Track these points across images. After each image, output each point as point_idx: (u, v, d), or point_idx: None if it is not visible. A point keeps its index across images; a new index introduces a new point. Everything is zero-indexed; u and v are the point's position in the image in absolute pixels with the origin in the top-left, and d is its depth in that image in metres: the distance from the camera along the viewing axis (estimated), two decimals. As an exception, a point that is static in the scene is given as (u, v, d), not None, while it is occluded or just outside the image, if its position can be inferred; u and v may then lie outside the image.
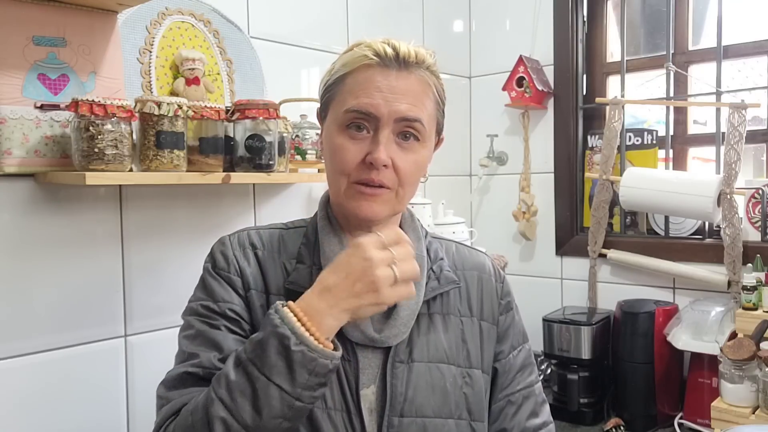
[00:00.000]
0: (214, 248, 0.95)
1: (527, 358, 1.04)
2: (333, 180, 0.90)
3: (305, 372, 0.76)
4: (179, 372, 0.85)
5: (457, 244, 1.06)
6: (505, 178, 2.19)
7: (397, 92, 0.86)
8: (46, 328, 1.24)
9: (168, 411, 0.83)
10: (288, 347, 0.75)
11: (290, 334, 0.75)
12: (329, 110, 0.91)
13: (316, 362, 0.76)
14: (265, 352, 0.76)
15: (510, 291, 1.05)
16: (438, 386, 0.91)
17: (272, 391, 0.75)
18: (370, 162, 0.86)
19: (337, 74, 0.90)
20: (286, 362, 0.75)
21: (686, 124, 1.94)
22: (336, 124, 0.89)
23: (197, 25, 1.44)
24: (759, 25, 1.79)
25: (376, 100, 0.85)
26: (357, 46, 0.90)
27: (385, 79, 0.86)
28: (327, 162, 0.92)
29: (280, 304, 0.79)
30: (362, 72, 0.87)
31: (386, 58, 0.86)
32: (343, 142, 0.87)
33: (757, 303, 1.56)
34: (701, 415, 1.64)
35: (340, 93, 0.89)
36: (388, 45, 0.87)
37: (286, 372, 0.75)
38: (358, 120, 0.87)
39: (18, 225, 1.20)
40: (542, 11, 2.07)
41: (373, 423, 0.88)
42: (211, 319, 0.88)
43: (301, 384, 0.76)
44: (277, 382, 0.75)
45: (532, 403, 1.01)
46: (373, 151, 0.86)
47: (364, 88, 0.86)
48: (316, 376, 0.77)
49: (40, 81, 1.19)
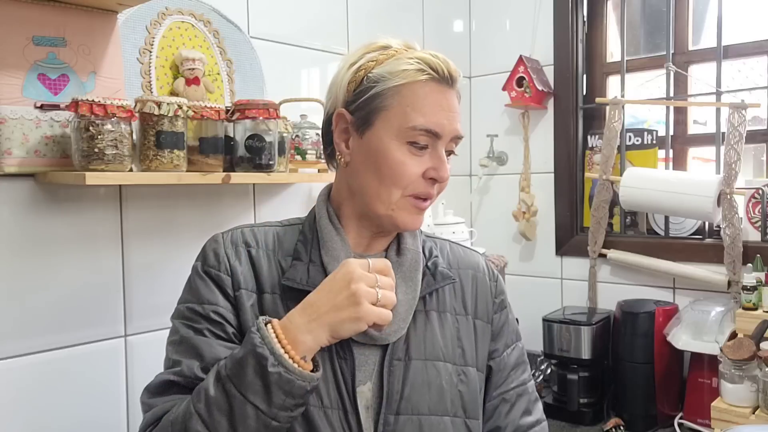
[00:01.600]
0: (206, 246, 0.94)
1: (520, 356, 1.05)
2: (384, 191, 0.89)
3: (281, 393, 0.77)
4: (162, 380, 0.86)
5: (450, 243, 1.07)
6: (505, 178, 2.19)
7: (453, 111, 0.91)
8: (46, 328, 1.24)
9: (150, 418, 0.84)
10: (265, 368, 0.76)
11: (268, 355, 0.76)
12: (377, 119, 0.89)
13: (293, 384, 0.77)
14: (243, 371, 0.77)
15: (504, 289, 1.06)
16: (434, 384, 0.91)
17: (248, 410, 0.77)
18: (432, 178, 0.90)
19: (387, 83, 0.88)
20: (262, 382, 0.76)
21: (686, 124, 1.94)
22: (394, 137, 0.88)
23: (197, 25, 1.44)
24: (759, 25, 1.79)
25: (442, 120, 0.89)
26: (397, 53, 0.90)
27: (445, 98, 0.90)
28: (373, 172, 0.90)
29: (263, 320, 0.80)
30: (419, 87, 0.88)
31: (441, 74, 0.89)
32: (405, 158, 0.89)
33: (757, 303, 1.56)
34: (701, 415, 1.64)
35: (397, 105, 0.88)
36: (440, 61, 0.90)
37: (263, 392, 0.77)
38: (424, 136, 0.89)
39: (18, 225, 1.20)
40: (542, 11, 2.07)
41: (369, 420, 0.88)
42: (195, 323, 0.88)
43: (277, 405, 0.77)
44: (254, 401, 0.77)
45: (525, 401, 1.02)
46: (438, 168, 0.90)
47: (430, 105, 0.88)
48: (293, 398, 0.78)
49: (40, 81, 1.19)
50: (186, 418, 0.78)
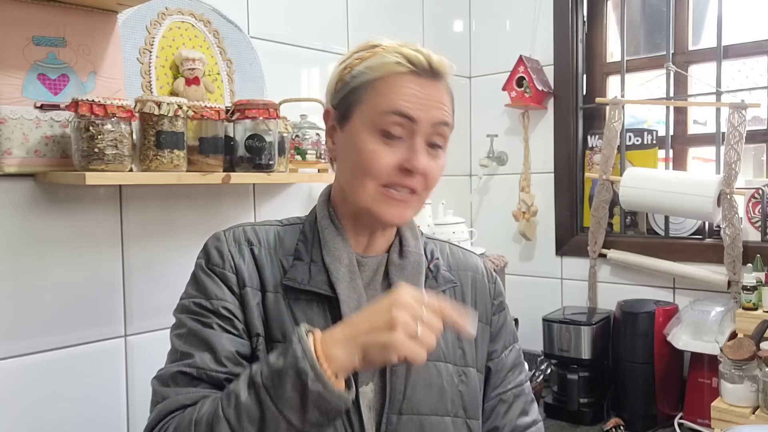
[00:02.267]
0: (209, 243, 0.93)
1: (517, 357, 1.05)
2: (358, 183, 0.88)
3: (317, 411, 0.74)
4: (173, 371, 0.84)
5: (450, 245, 1.07)
6: (505, 178, 2.19)
7: (431, 100, 0.87)
8: (46, 328, 1.24)
9: (163, 410, 0.82)
10: (306, 384, 0.73)
11: (309, 370, 0.73)
12: (354, 113, 0.89)
13: (329, 403, 0.74)
14: (281, 382, 0.74)
15: (502, 291, 1.07)
16: (435, 384, 0.91)
17: (281, 424, 0.74)
18: (407, 168, 0.86)
19: (364, 77, 0.88)
20: (300, 398, 0.74)
21: (686, 124, 1.94)
22: (367, 128, 0.87)
23: (197, 25, 1.44)
24: (759, 25, 1.79)
25: (416, 106, 0.86)
26: (382, 50, 0.89)
27: (421, 87, 0.87)
28: (350, 165, 0.90)
29: (305, 330, 0.77)
30: (395, 78, 0.87)
31: (420, 66, 0.87)
32: (376, 147, 0.86)
33: (757, 303, 1.56)
34: (701, 415, 1.64)
35: (370, 97, 0.88)
36: (419, 53, 0.88)
37: (299, 408, 0.74)
38: (397, 124, 0.86)
39: (18, 225, 1.20)
40: (542, 11, 2.07)
41: (371, 420, 0.88)
42: (203, 317, 0.87)
43: (310, 421, 0.75)
44: (288, 416, 0.74)
45: (522, 402, 1.02)
46: (412, 158, 0.86)
47: (401, 93, 0.86)
48: (327, 417, 0.75)
49: (40, 81, 1.19)
50: (213, 423, 0.76)
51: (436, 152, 0.90)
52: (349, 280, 0.90)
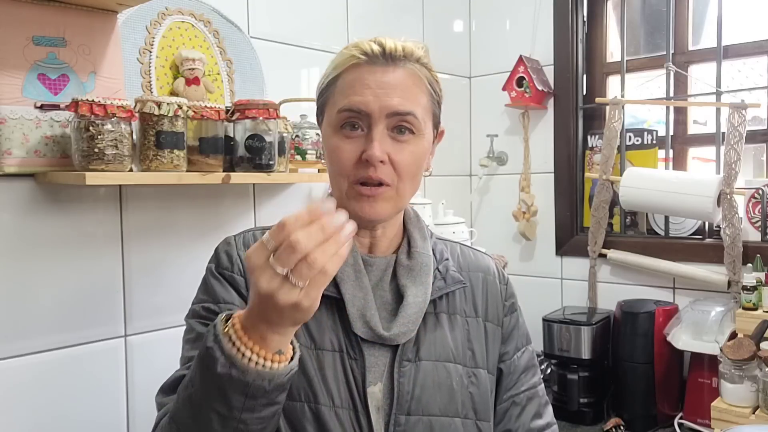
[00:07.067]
0: (219, 248, 0.94)
1: (531, 359, 1.04)
2: (335, 183, 0.90)
3: (238, 395, 0.68)
4: (176, 376, 0.85)
5: (461, 246, 1.06)
6: (505, 178, 2.19)
7: (386, 87, 0.86)
8: (46, 328, 1.24)
9: (158, 419, 0.83)
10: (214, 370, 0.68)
11: (218, 356, 0.68)
12: (325, 113, 0.92)
13: (248, 385, 0.68)
14: (198, 373, 0.71)
15: (514, 293, 1.06)
16: (444, 385, 0.91)
17: (211, 416, 0.70)
18: (365, 159, 0.85)
19: (329, 77, 0.91)
20: (216, 385, 0.69)
21: (686, 124, 1.94)
22: (330, 126, 0.90)
23: (197, 25, 1.44)
24: (759, 25, 1.79)
25: (366, 97, 0.85)
26: (346, 48, 0.91)
27: (373, 76, 0.86)
28: (327, 165, 0.92)
29: (223, 317, 0.71)
30: (351, 72, 0.88)
31: (373, 55, 0.87)
32: (338, 143, 0.87)
33: (757, 303, 1.56)
34: (701, 415, 1.64)
35: (332, 95, 0.90)
36: (374, 42, 0.88)
37: (218, 395, 0.69)
38: (350, 119, 0.87)
39: (18, 225, 1.20)
40: (542, 11, 2.07)
41: (380, 421, 0.88)
42: (211, 321, 0.87)
43: (237, 407, 0.69)
44: (214, 405, 0.70)
45: (536, 405, 1.01)
46: (367, 148, 0.85)
47: (354, 86, 0.87)
48: (254, 398, 0.69)
49: (40, 81, 1.19)
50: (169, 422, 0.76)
51: (405, 138, 0.87)
52: (354, 279, 0.90)
